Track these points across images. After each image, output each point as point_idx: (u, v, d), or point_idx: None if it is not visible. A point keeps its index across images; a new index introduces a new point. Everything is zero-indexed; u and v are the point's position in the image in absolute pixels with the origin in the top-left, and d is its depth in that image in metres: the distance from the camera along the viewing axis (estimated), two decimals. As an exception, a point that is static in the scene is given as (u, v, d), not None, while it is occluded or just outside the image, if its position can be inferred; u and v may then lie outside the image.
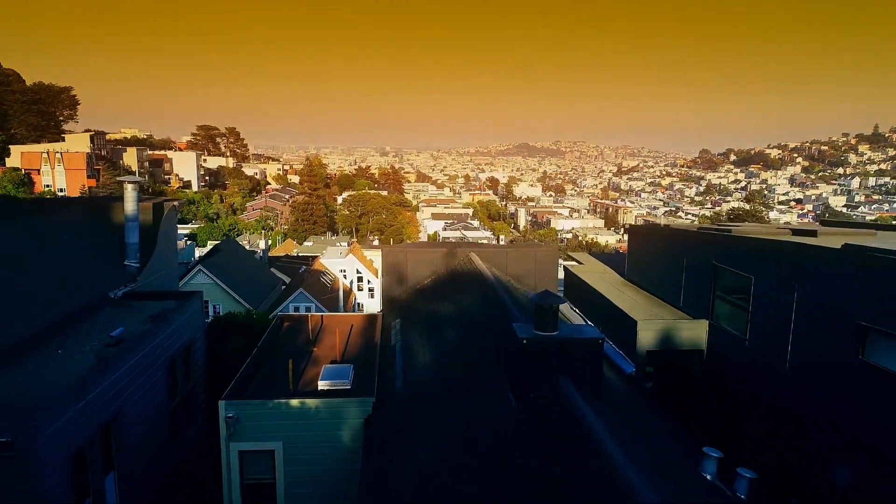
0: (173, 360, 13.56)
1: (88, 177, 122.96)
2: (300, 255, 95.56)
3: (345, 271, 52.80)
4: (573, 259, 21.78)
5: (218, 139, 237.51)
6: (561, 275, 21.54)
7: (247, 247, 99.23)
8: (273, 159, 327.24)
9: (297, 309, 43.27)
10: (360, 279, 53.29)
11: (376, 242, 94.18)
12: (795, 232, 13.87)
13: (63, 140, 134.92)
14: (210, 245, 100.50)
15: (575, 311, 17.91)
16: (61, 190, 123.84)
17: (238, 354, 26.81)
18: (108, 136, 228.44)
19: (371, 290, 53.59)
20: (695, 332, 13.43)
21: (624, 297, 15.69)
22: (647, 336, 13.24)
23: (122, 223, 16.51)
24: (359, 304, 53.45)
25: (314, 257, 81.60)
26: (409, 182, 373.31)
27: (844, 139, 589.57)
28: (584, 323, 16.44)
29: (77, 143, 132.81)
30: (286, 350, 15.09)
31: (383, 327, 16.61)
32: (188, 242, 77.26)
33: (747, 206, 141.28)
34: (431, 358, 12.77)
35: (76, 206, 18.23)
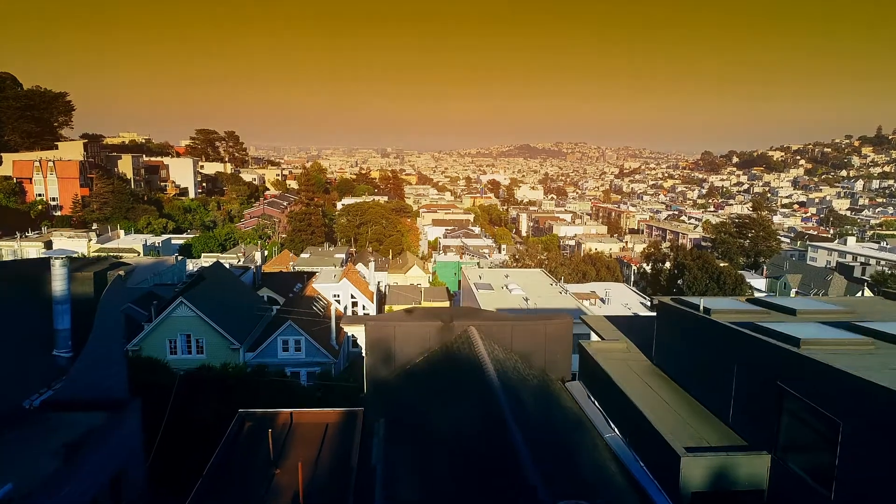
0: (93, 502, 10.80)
1: (81, 186, 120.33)
2: (297, 268, 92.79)
3: (338, 296, 50.06)
4: (587, 324, 18.92)
5: (217, 143, 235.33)
6: (577, 327, 18.77)
7: (241, 260, 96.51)
8: (273, 163, 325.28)
9: (285, 343, 40.54)
10: (354, 304, 50.53)
11: (372, 263, 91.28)
12: (880, 336, 11.03)
13: (56, 148, 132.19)
14: (204, 260, 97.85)
15: (592, 400, 15.09)
16: (53, 199, 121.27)
17: (210, 420, 23.87)
18: (105, 141, 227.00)
19: (367, 315, 50.82)
20: (754, 468, 10.60)
21: (658, 405, 12.84)
22: (693, 474, 10.42)
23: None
24: (352, 336, 50.68)
25: (310, 274, 78.90)
26: (410, 185, 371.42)
27: (847, 141, 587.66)
28: (605, 425, 13.59)
29: (70, 150, 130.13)
30: (238, 477, 12.26)
31: (364, 430, 13.81)
32: (178, 258, 74.44)
33: (754, 215, 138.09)
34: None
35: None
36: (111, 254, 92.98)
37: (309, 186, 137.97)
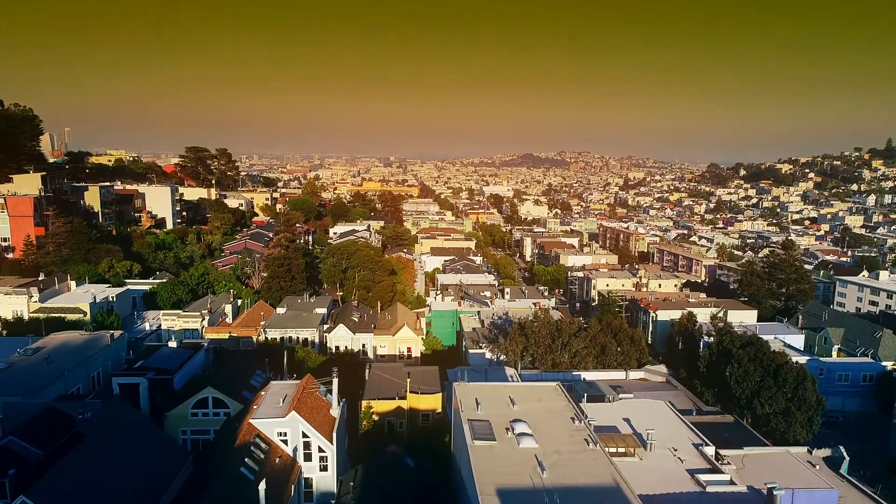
0: None
1: (36, 224, 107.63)
2: (268, 331, 79.83)
3: (285, 435, 37.16)
4: None
5: (209, 161, 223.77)
6: None
7: (206, 319, 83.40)
8: (268, 180, 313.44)
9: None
10: (307, 444, 37.59)
11: (356, 317, 78.52)
12: None
13: (10, 181, 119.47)
14: (164, 319, 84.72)
15: None
16: (5, 239, 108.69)
17: None
18: (91, 160, 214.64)
19: (323, 458, 37.89)
20: None
21: None
22: None
23: None
24: (306, 480, 37.74)
25: (277, 356, 65.94)
26: (411, 198, 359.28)
27: (857, 154, 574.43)
28: None
29: (27, 184, 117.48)
30: None
31: None
32: (115, 336, 61.25)
33: (782, 252, 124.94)
34: None
35: None
36: (53, 314, 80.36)
37: (288, 226, 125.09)
